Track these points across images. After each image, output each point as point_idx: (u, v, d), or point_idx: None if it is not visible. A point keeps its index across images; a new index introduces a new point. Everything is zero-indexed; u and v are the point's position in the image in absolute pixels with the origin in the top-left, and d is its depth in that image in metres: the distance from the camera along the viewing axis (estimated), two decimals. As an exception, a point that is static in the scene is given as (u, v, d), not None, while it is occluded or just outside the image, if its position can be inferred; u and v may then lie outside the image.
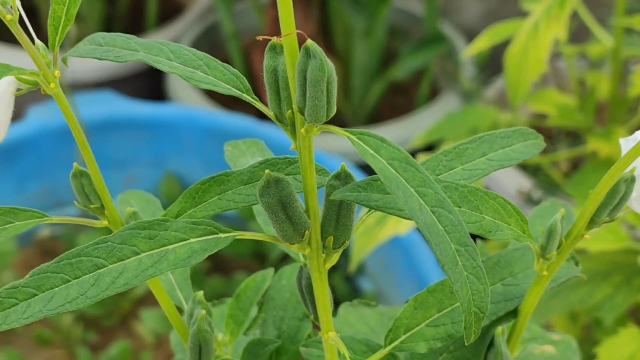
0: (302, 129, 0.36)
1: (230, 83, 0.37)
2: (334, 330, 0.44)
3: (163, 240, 0.38)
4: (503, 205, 0.41)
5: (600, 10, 1.35)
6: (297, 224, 0.39)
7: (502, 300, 0.46)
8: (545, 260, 0.43)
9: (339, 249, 0.41)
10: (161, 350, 1.24)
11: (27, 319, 0.38)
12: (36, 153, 1.33)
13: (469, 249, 0.34)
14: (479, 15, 1.70)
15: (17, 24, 0.36)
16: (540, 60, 1.10)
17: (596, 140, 1.15)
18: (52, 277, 0.38)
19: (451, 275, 0.34)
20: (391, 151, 0.34)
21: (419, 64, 1.54)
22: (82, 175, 0.44)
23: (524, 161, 0.45)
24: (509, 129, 0.44)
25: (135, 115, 1.37)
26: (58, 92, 0.38)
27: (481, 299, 0.36)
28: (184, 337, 0.49)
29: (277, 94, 0.37)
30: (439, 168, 0.42)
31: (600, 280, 1.02)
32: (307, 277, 0.45)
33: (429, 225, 0.34)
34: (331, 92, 0.35)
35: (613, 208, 0.41)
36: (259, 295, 0.53)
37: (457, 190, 0.39)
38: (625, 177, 0.40)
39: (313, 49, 0.33)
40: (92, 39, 0.37)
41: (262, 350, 0.50)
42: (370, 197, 0.38)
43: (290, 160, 0.41)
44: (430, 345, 0.45)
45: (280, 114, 0.38)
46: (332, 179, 0.40)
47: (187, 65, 0.37)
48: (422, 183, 0.34)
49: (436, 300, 0.45)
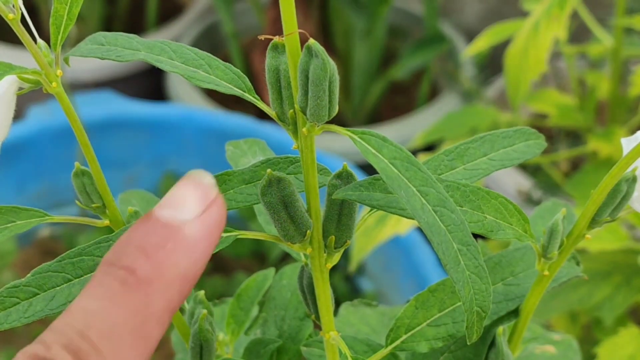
0: (304, 128, 0.36)
1: (232, 82, 0.37)
2: (335, 330, 0.44)
3: (164, 240, 0.38)
4: (505, 205, 0.40)
5: (600, 10, 1.35)
6: (299, 224, 0.39)
7: (504, 300, 0.46)
8: (547, 260, 0.43)
9: (341, 249, 0.41)
10: (161, 350, 1.24)
11: (28, 318, 0.38)
12: (36, 153, 1.33)
13: (471, 249, 0.34)
14: (479, 15, 1.70)
15: (19, 23, 0.36)
16: (540, 60, 1.11)
17: (596, 140, 1.15)
18: (54, 276, 0.38)
19: (453, 275, 0.34)
20: (393, 150, 0.34)
21: (419, 64, 1.54)
22: (84, 175, 0.44)
23: (525, 161, 0.45)
24: (510, 128, 0.44)
25: (135, 115, 1.37)
26: (60, 92, 0.38)
27: (483, 299, 0.36)
28: (185, 337, 0.49)
29: (279, 93, 0.37)
30: (441, 168, 0.42)
31: (600, 280, 1.02)
32: (308, 276, 0.45)
33: (431, 225, 0.34)
34: (333, 92, 0.35)
35: (614, 208, 0.41)
36: (260, 294, 0.53)
37: (459, 190, 0.39)
38: (626, 176, 0.40)
39: (315, 49, 0.33)
40: (93, 39, 0.37)
41: (263, 350, 0.50)
42: (373, 197, 0.38)
43: (291, 159, 0.41)
44: (431, 345, 0.45)
45: (282, 114, 0.38)
46: (334, 178, 0.40)
47: (189, 64, 0.37)
48: (424, 182, 0.34)
49: (437, 300, 0.45)
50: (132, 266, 0.31)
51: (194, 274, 0.32)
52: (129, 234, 0.32)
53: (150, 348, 0.31)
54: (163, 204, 0.32)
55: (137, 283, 0.30)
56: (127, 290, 0.30)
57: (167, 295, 0.31)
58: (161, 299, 0.31)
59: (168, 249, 0.31)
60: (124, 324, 0.30)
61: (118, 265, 0.31)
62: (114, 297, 0.30)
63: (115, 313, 0.30)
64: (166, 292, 0.31)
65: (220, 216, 0.33)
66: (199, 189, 0.33)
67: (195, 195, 0.32)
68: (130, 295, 0.30)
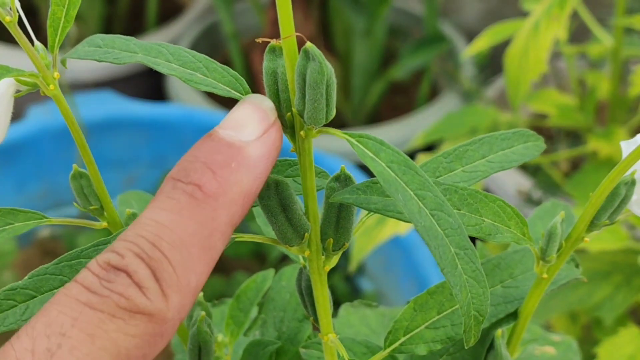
0: (302, 131, 0.36)
1: (230, 85, 0.37)
2: (333, 332, 0.44)
3: (163, 242, 0.38)
4: (503, 208, 0.40)
5: (600, 10, 1.35)
6: (297, 227, 0.39)
7: (502, 303, 0.46)
8: (545, 262, 0.43)
9: (339, 251, 0.41)
10: (161, 350, 1.24)
11: (25, 320, 0.38)
12: (36, 153, 1.33)
13: (468, 252, 0.34)
14: (479, 15, 1.69)
15: (16, 26, 0.36)
16: (540, 60, 1.10)
17: (596, 140, 1.15)
18: (51, 279, 0.38)
19: (450, 279, 0.34)
20: (390, 154, 0.34)
21: (419, 64, 1.54)
22: (82, 177, 0.44)
23: (523, 163, 0.44)
24: (509, 130, 0.43)
25: (135, 115, 1.37)
26: (57, 94, 0.38)
27: (480, 303, 0.35)
28: (183, 338, 0.49)
29: (276, 96, 0.37)
30: (439, 170, 0.42)
31: (600, 280, 1.02)
32: (306, 278, 0.45)
33: (428, 229, 0.33)
34: (330, 95, 0.34)
35: (613, 211, 0.41)
36: (259, 296, 0.53)
37: (457, 193, 0.39)
38: (625, 180, 0.40)
39: (312, 52, 0.33)
40: (91, 41, 0.37)
41: (262, 352, 0.50)
42: (370, 200, 0.38)
43: (289, 162, 0.41)
44: (429, 348, 0.45)
45: (279, 116, 0.37)
46: (332, 181, 0.39)
47: (186, 67, 0.37)
48: (421, 186, 0.34)
49: (436, 303, 0.45)
50: (199, 182, 0.33)
51: (255, 191, 0.34)
52: (194, 152, 0.34)
53: (215, 259, 0.33)
54: (225, 125, 0.35)
55: (204, 198, 0.33)
56: (195, 204, 0.33)
57: (231, 210, 0.33)
58: (226, 213, 0.33)
59: (233, 168, 0.34)
60: (193, 236, 0.32)
61: (186, 180, 0.33)
62: (183, 210, 0.32)
63: (185, 225, 0.32)
64: (230, 207, 0.33)
65: (279, 139, 0.35)
66: (258, 111, 0.35)
67: (256, 117, 0.35)
68: (198, 209, 0.33)
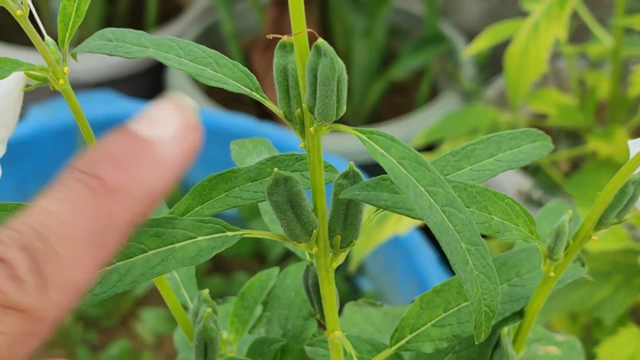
0: (312, 128, 0.36)
1: (240, 81, 0.37)
2: (339, 330, 0.44)
3: (171, 238, 0.38)
4: (511, 206, 0.40)
5: (600, 10, 1.35)
6: (305, 223, 0.39)
7: (509, 301, 0.46)
8: (553, 261, 0.43)
9: (347, 248, 0.41)
10: (161, 350, 1.24)
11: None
12: (36, 153, 1.33)
13: (479, 248, 0.34)
14: (479, 15, 1.70)
15: (27, 20, 0.36)
16: (540, 60, 1.10)
17: (596, 140, 1.15)
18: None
19: (462, 275, 0.34)
20: (401, 150, 0.34)
21: (419, 64, 1.54)
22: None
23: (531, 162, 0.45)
24: (517, 130, 0.43)
25: (136, 115, 1.37)
26: (67, 89, 0.38)
27: (491, 298, 0.36)
28: (189, 336, 0.49)
29: (286, 92, 0.37)
30: (447, 168, 0.42)
31: (601, 280, 1.02)
32: (313, 276, 0.45)
33: (439, 224, 0.34)
34: (341, 91, 0.34)
35: (621, 210, 0.41)
36: (264, 294, 0.53)
37: (466, 191, 0.39)
38: (633, 178, 0.40)
39: (324, 48, 0.33)
40: (101, 35, 0.37)
41: (267, 349, 0.50)
42: (380, 197, 0.38)
43: (297, 157, 0.41)
44: (436, 345, 0.45)
45: (289, 113, 0.37)
46: (341, 177, 0.39)
47: (197, 62, 0.37)
48: (433, 182, 0.34)
49: (442, 300, 0.45)
50: (102, 175, 0.31)
51: (162, 192, 0.32)
52: (103, 144, 0.32)
53: (106, 256, 0.31)
54: (141, 120, 0.32)
55: (104, 192, 0.31)
56: (93, 197, 0.30)
57: (132, 208, 0.31)
58: (125, 210, 0.31)
59: (140, 164, 0.31)
60: (85, 231, 0.30)
61: (89, 171, 0.31)
62: (79, 203, 0.30)
63: (78, 218, 0.30)
64: (132, 205, 0.31)
65: (196, 141, 0.33)
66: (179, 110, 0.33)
67: (175, 116, 0.33)
68: (95, 203, 0.30)
